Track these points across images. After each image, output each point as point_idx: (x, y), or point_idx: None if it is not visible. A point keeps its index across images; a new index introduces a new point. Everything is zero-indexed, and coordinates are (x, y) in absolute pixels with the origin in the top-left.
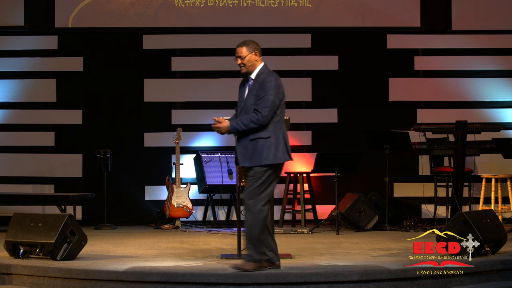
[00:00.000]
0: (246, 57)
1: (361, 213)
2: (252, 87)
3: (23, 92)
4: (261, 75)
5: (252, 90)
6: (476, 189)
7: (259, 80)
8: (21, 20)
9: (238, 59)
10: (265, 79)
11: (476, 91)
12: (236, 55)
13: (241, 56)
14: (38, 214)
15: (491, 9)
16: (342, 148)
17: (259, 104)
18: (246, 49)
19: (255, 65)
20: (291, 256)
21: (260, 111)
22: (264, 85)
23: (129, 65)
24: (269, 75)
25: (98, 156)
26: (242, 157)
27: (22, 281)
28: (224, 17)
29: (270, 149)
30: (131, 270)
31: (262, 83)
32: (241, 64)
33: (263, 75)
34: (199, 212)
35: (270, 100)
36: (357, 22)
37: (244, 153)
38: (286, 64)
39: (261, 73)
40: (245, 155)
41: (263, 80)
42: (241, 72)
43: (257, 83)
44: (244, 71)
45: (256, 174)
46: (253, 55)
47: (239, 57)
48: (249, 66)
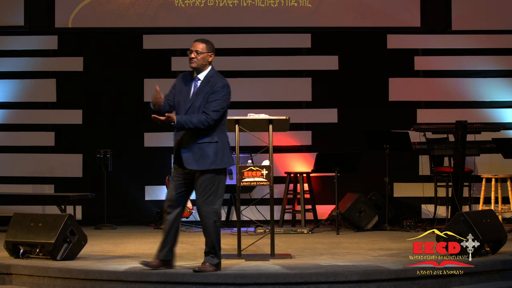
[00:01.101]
0: (202, 54)
1: (361, 213)
2: (202, 88)
3: (23, 92)
4: (211, 78)
5: (202, 92)
6: (476, 189)
7: (210, 83)
8: (21, 20)
9: (193, 52)
10: (217, 83)
11: (476, 91)
12: (193, 48)
13: (198, 51)
14: (38, 214)
15: (491, 9)
16: (342, 148)
17: (209, 107)
18: (206, 47)
19: (206, 66)
20: (291, 256)
21: (210, 114)
22: (217, 89)
23: (129, 65)
24: (221, 79)
25: (98, 156)
26: (190, 161)
27: (22, 281)
28: (224, 17)
29: (218, 153)
30: (131, 270)
31: (215, 87)
32: (194, 58)
33: (214, 79)
34: None
35: (222, 106)
36: (357, 22)
37: (191, 156)
38: (286, 64)
39: (211, 76)
40: (193, 159)
41: (215, 84)
42: (191, 66)
43: (208, 86)
44: (194, 66)
45: (209, 179)
46: (208, 55)
47: (196, 51)
48: (200, 64)
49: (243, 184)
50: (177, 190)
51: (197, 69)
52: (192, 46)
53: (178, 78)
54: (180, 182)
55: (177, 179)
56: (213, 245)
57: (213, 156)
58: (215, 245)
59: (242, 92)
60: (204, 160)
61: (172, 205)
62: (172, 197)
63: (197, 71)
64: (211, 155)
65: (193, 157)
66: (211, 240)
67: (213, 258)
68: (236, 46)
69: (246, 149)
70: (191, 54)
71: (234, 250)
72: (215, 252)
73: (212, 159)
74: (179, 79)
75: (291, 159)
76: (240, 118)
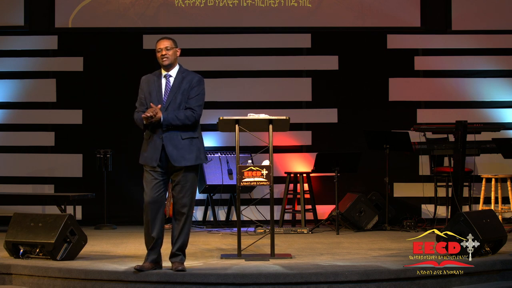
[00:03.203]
0: (171, 50)
1: (361, 213)
2: (179, 85)
3: (23, 92)
4: (184, 74)
5: (179, 89)
6: (476, 189)
7: (186, 79)
8: (21, 20)
9: (163, 50)
10: (194, 78)
11: (476, 91)
12: (162, 46)
13: (167, 47)
14: (38, 214)
15: (491, 9)
16: (342, 148)
17: (192, 103)
18: (172, 43)
19: (175, 62)
20: (291, 256)
21: (195, 110)
22: (195, 84)
23: (129, 65)
24: (195, 74)
25: (98, 156)
26: (178, 158)
27: (22, 281)
28: (224, 17)
29: (200, 149)
30: (131, 270)
31: (192, 82)
32: (166, 55)
33: (189, 74)
34: (199, 212)
35: (203, 100)
36: (357, 22)
37: (178, 153)
38: (286, 64)
39: (183, 72)
40: (180, 155)
41: (192, 79)
42: (164, 63)
43: (185, 82)
44: (167, 63)
45: (192, 175)
46: (177, 51)
47: (165, 47)
48: (172, 59)
49: (243, 184)
50: (157, 191)
51: (168, 66)
52: (159, 45)
53: (143, 82)
54: (159, 182)
55: (155, 179)
56: (187, 241)
57: (197, 151)
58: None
59: (242, 92)
60: (190, 155)
61: (154, 207)
62: (153, 199)
63: (168, 68)
64: (195, 150)
65: (180, 154)
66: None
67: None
68: (236, 46)
69: (246, 149)
70: (161, 52)
71: (234, 250)
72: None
73: (196, 154)
74: (143, 82)
75: (291, 159)
76: (240, 118)
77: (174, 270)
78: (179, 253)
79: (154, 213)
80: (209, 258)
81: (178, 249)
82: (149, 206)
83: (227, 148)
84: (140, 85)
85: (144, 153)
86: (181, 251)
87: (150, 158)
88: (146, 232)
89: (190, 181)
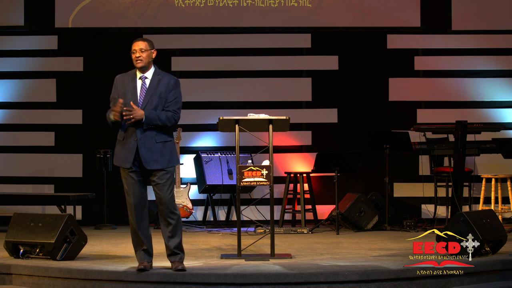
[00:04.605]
0: (146, 51)
1: (361, 213)
2: (155, 88)
3: (23, 92)
4: (160, 76)
5: (155, 91)
6: (476, 189)
7: (163, 82)
8: (21, 20)
9: (137, 51)
10: (170, 81)
11: (476, 91)
12: (136, 48)
13: (142, 48)
14: (38, 214)
15: (491, 9)
16: (342, 148)
17: (172, 106)
18: (148, 44)
19: (151, 64)
20: (291, 256)
21: (177, 112)
22: (172, 87)
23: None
24: (171, 77)
25: (98, 156)
26: (150, 161)
27: (22, 281)
28: (224, 17)
29: (172, 152)
30: (131, 270)
31: (169, 85)
32: (140, 57)
33: (165, 76)
34: (199, 212)
35: (181, 102)
36: (357, 22)
37: (152, 156)
38: (286, 64)
39: (159, 74)
40: (153, 158)
41: (169, 82)
42: (138, 65)
43: (161, 85)
44: (141, 65)
45: (166, 177)
46: (152, 52)
47: (140, 49)
48: (146, 62)
49: (243, 184)
50: (140, 192)
51: (143, 68)
52: (134, 46)
53: (117, 81)
54: (140, 183)
55: (135, 181)
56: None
57: (169, 155)
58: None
59: (242, 92)
60: (163, 159)
61: (140, 210)
62: (139, 202)
63: (143, 70)
64: (168, 154)
65: (153, 157)
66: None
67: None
68: (236, 46)
69: (246, 149)
70: (135, 54)
71: (234, 250)
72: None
73: (169, 158)
74: (118, 82)
75: (291, 159)
76: (240, 118)
77: (174, 269)
78: (178, 251)
79: (140, 213)
80: (209, 258)
81: (176, 247)
82: (134, 207)
83: (227, 148)
84: (114, 84)
85: (118, 154)
86: (180, 249)
87: (124, 160)
88: (134, 234)
89: (166, 182)
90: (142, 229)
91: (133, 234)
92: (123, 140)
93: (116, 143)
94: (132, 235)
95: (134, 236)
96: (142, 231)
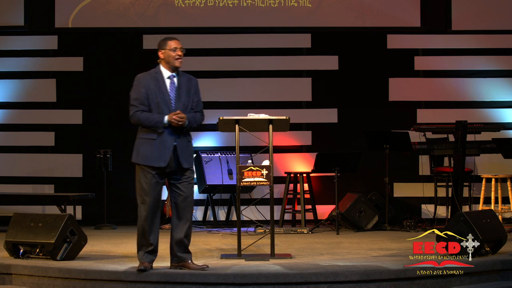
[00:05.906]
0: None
1: (361, 213)
2: (184, 85)
3: (23, 92)
4: (184, 75)
5: (185, 89)
6: (476, 189)
7: (192, 82)
8: (21, 20)
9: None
10: (192, 81)
11: (476, 91)
12: (179, 46)
13: (182, 48)
14: (38, 214)
15: (491, 9)
16: (342, 148)
17: (197, 106)
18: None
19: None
20: (291, 256)
21: (203, 113)
22: (196, 87)
23: (129, 65)
24: (193, 77)
25: (98, 156)
26: (184, 159)
27: (22, 281)
28: (224, 17)
29: (192, 151)
30: (131, 270)
31: (194, 85)
32: (181, 56)
33: (186, 75)
34: (199, 212)
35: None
36: (357, 22)
37: (184, 155)
38: (286, 64)
39: (183, 73)
40: (185, 157)
41: (193, 82)
42: (178, 65)
43: (190, 84)
44: (181, 65)
45: (192, 175)
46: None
47: (181, 48)
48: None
49: (243, 184)
50: (158, 194)
51: (178, 67)
52: (176, 44)
53: (144, 80)
54: (159, 185)
55: (157, 181)
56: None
57: (193, 153)
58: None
59: (242, 92)
60: (191, 158)
61: (155, 210)
62: (156, 202)
63: (175, 69)
64: (192, 153)
65: (185, 156)
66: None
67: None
68: (236, 46)
69: (246, 149)
70: (177, 52)
71: (234, 250)
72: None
73: (192, 156)
74: (145, 80)
75: (291, 159)
76: (240, 118)
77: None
78: (189, 250)
79: (154, 215)
80: (209, 258)
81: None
82: (151, 207)
83: (227, 148)
84: (139, 83)
85: (149, 154)
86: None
87: (157, 158)
88: (142, 234)
89: (190, 180)
90: (154, 229)
91: (140, 235)
92: (156, 139)
93: (139, 142)
94: (139, 235)
95: (142, 236)
96: (153, 231)
